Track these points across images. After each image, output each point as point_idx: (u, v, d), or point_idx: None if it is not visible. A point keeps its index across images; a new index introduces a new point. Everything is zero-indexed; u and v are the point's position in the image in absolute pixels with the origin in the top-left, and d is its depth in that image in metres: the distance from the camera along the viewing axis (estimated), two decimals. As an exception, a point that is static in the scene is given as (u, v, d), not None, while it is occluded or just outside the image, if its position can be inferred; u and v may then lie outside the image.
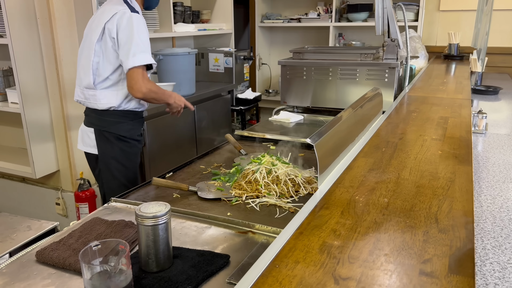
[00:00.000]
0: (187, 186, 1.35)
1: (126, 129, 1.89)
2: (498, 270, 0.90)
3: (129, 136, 1.91)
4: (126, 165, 1.93)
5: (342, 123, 1.37)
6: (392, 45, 2.26)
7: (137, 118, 1.95)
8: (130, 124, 1.91)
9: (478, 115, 1.90)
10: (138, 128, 1.96)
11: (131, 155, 1.95)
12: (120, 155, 1.91)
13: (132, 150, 1.94)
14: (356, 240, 0.81)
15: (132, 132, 1.92)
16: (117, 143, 1.90)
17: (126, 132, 1.90)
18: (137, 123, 1.95)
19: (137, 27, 1.75)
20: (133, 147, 1.95)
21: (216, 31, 3.76)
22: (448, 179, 1.10)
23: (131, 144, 1.93)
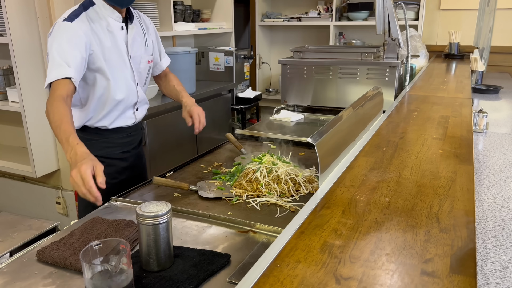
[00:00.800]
0: (187, 185, 1.35)
1: (98, 147, 1.60)
2: (499, 270, 0.89)
3: (102, 155, 1.56)
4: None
5: (343, 123, 1.36)
6: (393, 44, 2.26)
7: (118, 135, 1.67)
8: (104, 143, 1.64)
9: (478, 114, 1.90)
10: (119, 146, 1.68)
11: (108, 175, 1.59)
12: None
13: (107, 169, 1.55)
14: (357, 240, 0.81)
15: (107, 151, 1.64)
16: None
17: (98, 151, 1.49)
18: (117, 140, 1.67)
19: (58, 36, 1.42)
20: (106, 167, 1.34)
21: (216, 30, 3.75)
22: (449, 178, 1.10)
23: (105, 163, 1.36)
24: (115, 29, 1.55)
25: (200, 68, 3.66)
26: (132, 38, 1.61)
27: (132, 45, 1.61)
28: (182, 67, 3.00)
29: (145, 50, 1.69)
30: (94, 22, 1.50)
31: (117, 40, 1.55)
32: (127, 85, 1.61)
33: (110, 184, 1.56)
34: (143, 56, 1.68)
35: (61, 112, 1.30)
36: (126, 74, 1.61)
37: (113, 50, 1.54)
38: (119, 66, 1.57)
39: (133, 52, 1.62)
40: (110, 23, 1.53)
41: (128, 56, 1.60)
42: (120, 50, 1.57)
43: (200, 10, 3.79)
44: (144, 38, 1.69)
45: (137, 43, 1.64)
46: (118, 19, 1.55)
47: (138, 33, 1.66)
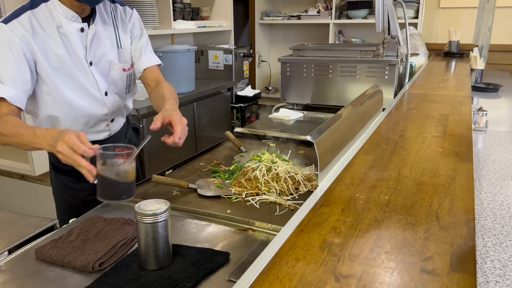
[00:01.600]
0: (186, 184, 1.35)
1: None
2: (499, 268, 0.89)
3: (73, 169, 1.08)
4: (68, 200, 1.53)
5: (342, 121, 1.36)
6: (392, 42, 2.25)
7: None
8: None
9: (478, 113, 1.90)
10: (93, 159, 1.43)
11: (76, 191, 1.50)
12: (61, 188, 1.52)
13: (78, 185, 1.48)
14: (356, 238, 0.81)
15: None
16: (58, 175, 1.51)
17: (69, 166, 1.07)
18: None
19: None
20: (80, 182, 1.44)
21: (215, 28, 3.75)
22: (449, 176, 1.10)
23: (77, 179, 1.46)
24: (69, 31, 1.30)
25: (199, 67, 3.66)
26: (96, 41, 1.37)
27: (94, 50, 1.37)
28: (181, 65, 2.99)
29: (118, 53, 1.45)
30: (41, 23, 1.27)
31: (73, 45, 1.32)
32: (89, 95, 1.39)
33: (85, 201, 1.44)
34: (114, 62, 1.44)
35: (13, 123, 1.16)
36: (86, 83, 1.38)
37: (67, 58, 1.32)
38: (75, 74, 1.35)
39: (95, 58, 1.38)
40: (63, 25, 1.29)
41: (88, 63, 1.37)
42: (78, 57, 1.34)
43: (200, 8, 3.78)
44: (116, 38, 1.44)
45: (103, 46, 1.40)
46: (75, 19, 1.30)
47: (108, 35, 1.42)
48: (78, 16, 1.31)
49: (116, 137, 1.58)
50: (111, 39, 1.43)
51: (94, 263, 0.93)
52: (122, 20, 1.48)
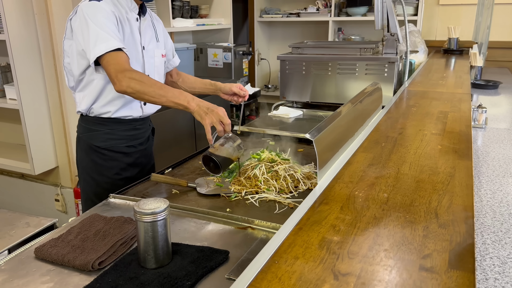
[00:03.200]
0: (186, 182, 1.35)
1: (101, 139, 1.59)
2: (498, 265, 0.89)
3: (106, 147, 1.60)
4: (96, 178, 1.64)
5: (342, 118, 1.36)
6: (392, 39, 2.25)
7: (122, 127, 1.61)
8: (108, 133, 1.60)
9: (478, 110, 1.89)
10: (124, 139, 1.63)
11: (104, 168, 1.62)
12: (90, 167, 1.64)
13: (107, 163, 1.62)
14: (355, 236, 0.81)
15: (110, 143, 1.60)
16: (90, 153, 1.63)
17: (102, 142, 1.59)
18: (121, 133, 1.62)
19: (91, 14, 1.42)
20: (109, 160, 1.61)
21: (214, 26, 3.74)
22: (448, 173, 1.10)
23: (107, 156, 1.61)
24: (132, 18, 1.56)
25: (198, 65, 3.65)
26: (144, 30, 1.62)
27: (145, 37, 1.62)
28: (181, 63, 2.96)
29: (156, 45, 1.69)
30: (116, 6, 1.51)
31: (133, 29, 1.56)
32: None
33: (112, 180, 1.61)
34: (155, 50, 1.68)
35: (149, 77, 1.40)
36: (137, 65, 1.58)
37: (129, 38, 1.54)
38: (132, 55, 1.55)
39: (146, 44, 1.63)
40: (128, 12, 1.54)
41: (142, 47, 1.60)
42: (135, 40, 1.57)
43: (199, 6, 3.77)
44: (154, 33, 1.70)
45: (149, 36, 1.65)
46: (134, 9, 1.57)
47: (150, 27, 1.67)
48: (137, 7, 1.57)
49: (145, 120, 1.74)
50: (151, 32, 1.68)
51: (94, 262, 0.94)
52: (157, 20, 1.76)
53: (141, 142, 1.71)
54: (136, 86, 1.34)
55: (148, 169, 1.76)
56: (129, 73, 1.35)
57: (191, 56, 3.11)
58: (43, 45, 2.53)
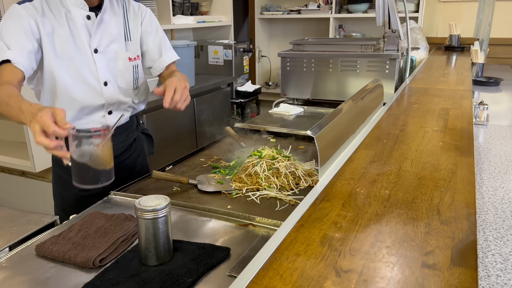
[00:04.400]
0: (187, 179, 1.35)
1: None
2: (500, 262, 0.89)
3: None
4: (62, 194, 1.54)
5: (343, 115, 1.36)
6: (393, 36, 2.24)
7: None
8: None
9: (479, 107, 1.89)
10: None
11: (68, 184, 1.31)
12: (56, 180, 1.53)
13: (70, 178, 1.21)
14: (357, 232, 0.80)
15: None
16: (55, 166, 1.53)
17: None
18: None
19: (3, 20, 1.31)
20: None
21: (215, 23, 3.73)
22: (450, 170, 1.09)
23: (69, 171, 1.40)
24: (76, 17, 1.36)
25: (199, 62, 3.65)
26: (100, 29, 1.40)
27: (100, 37, 1.41)
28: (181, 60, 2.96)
29: (125, 45, 1.48)
30: (51, 6, 1.35)
31: (78, 30, 1.37)
32: (85, 82, 1.40)
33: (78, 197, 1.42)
34: (119, 52, 1.46)
35: (7, 93, 1.16)
36: (85, 69, 1.39)
37: (70, 41, 1.36)
38: (76, 59, 1.37)
39: (101, 46, 1.41)
40: (71, 11, 1.36)
41: (92, 49, 1.40)
42: (81, 42, 1.37)
43: (199, 3, 3.76)
44: (125, 30, 1.48)
45: (109, 35, 1.43)
46: (82, 6, 1.37)
47: (116, 25, 1.45)
48: (86, 4, 1.38)
49: (121, 128, 1.55)
50: (118, 30, 1.46)
51: (95, 259, 0.93)
52: (135, 14, 1.52)
53: (123, 151, 1.58)
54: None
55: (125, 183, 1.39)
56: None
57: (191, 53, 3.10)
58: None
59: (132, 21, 1.51)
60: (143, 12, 1.55)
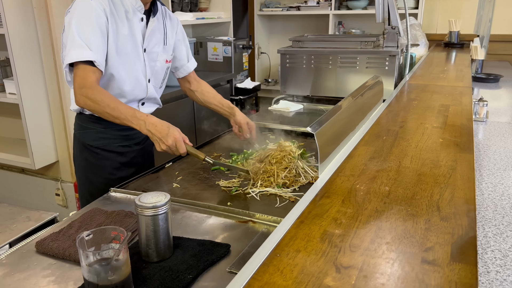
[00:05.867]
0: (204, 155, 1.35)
1: (94, 137, 1.55)
2: (499, 258, 0.89)
3: (98, 146, 1.56)
4: (89, 177, 1.61)
5: (343, 112, 1.36)
6: (393, 32, 2.24)
7: (116, 126, 1.46)
8: (101, 132, 1.55)
9: (479, 103, 1.89)
10: (118, 139, 1.58)
11: (97, 168, 1.58)
12: (84, 165, 1.61)
13: (99, 162, 1.57)
14: (357, 229, 0.81)
15: (103, 142, 1.55)
16: (83, 151, 1.59)
17: (94, 141, 1.55)
18: (115, 132, 1.56)
19: (77, 14, 1.37)
20: (102, 159, 1.57)
21: (214, 19, 3.72)
22: (450, 167, 1.09)
23: (100, 155, 1.56)
24: (134, 18, 1.48)
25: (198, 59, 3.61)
26: (151, 31, 1.54)
27: (150, 39, 1.54)
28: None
29: (163, 48, 1.61)
30: (115, 5, 1.43)
31: (134, 29, 1.48)
32: (136, 78, 1.53)
33: (106, 180, 1.54)
34: (160, 54, 1.60)
35: (108, 96, 1.34)
36: (138, 66, 1.52)
37: (128, 39, 1.47)
38: (131, 56, 1.49)
39: (149, 47, 1.55)
40: (130, 11, 1.47)
41: (143, 49, 1.53)
42: (136, 41, 1.50)
43: (198, 0, 3.75)
44: (164, 35, 1.61)
45: (156, 38, 1.57)
46: (139, 9, 1.49)
47: (159, 29, 1.58)
48: (143, 7, 1.50)
49: None
50: (160, 34, 1.60)
51: (95, 256, 0.93)
52: (171, 22, 1.67)
53: (138, 142, 1.65)
54: (91, 106, 1.34)
55: (146, 168, 1.60)
56: (89, 92, 1.32)
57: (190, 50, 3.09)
58: (42, 39, 2.52)
59: (169, 29, 1.65)
60: (177, 23, 1.71)
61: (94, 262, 0.78)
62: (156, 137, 1.30)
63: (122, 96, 1.51)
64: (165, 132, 1.30)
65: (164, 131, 1.30)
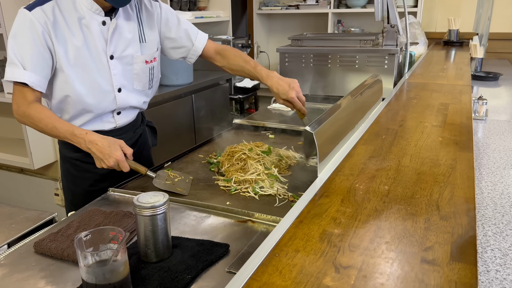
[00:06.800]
0: (145, 170, 1.29)
1: (73, 149, 1.37)
2: (499, 257, 0.89)
3: (77, 157, 1.46)
4: (71, 189, 1.55)
5: (342, 111, 1.35)
6: (392, 31, 2.23)
7: None
8: None
9: (478, 101, 1.89)
10: None
11: (78, 179, 1.50)
12: (65, 176, 1.55)
13: (80, 174, 1.49)
14: (356, 228, 0.80)
15: (82, 153, 1.35)
16: (65, 162, 1.53)
17: (73, 153, 1.46)
18: None
19: (14, 30, 1.26)
20: (82, 171, 1.48)
21: (213, 18, 3.71)
22: (449, 165, 1.09)
23: (79, 167, 1.48)
24: (91, 24, 1.31)
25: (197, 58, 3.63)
26: (118, 35, 1.37)
27: (115, 43, 1.37)
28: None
29: (140, 47, 1.44)
30: (63, 13, 1.28)
31: (94, 37, 1.32)
32: (99, 90, 1.38)
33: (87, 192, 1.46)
34: (136, 56, 1.42)
35: (46, 114, 1.27)
36: (100, 77, 1.36)
37: (84, 50, 1.32)
38: (89, 68, 1.34)
39: (117, 52, 1.38)
40: (85, 17, 1.30)
41: (108, 57, 1.36)
42: (96, 49, 1.34)
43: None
44: (139, 32, 1.44)
45: (126, 40, 1.39)
46: (98, 12, 1.31)
47: (130, 29, 1.40)
48: (102, 9, 1.32)
49: (123, 130, 1.53)
50: (133, 33, 1.42)
51: (93, 256, 0.93)
52: (148, 13, 1.47)
53: None
54: (31, 125, 1.31)
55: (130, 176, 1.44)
56: (26, 111, 1.28)
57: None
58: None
59: (146, 22, 1.47)
60: (157, 10, 1.50)
61: (92, 263, 0.78)
62: (96, 156, 1.24)
63: (88, 111, 1.39)
64: (106, 152, 1.23)
65: (105, 150, 1.23)
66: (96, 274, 0.77)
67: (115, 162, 1.23)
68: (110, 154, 1.22)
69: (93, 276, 0.77)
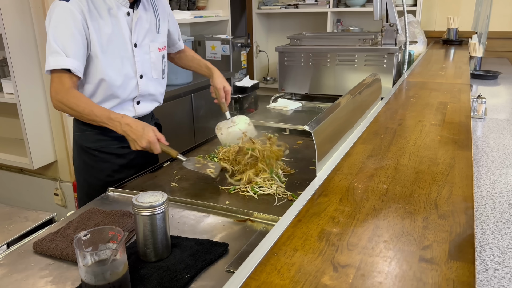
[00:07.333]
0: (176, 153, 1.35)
1: (92, 139, 1.52)
2: (497, 255, 0.89)
3: (96, 148, 1.53)
4: (88, 180, 1.58)
5: (341, 110, 1.35)
6: (391, 30, 2.23)
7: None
8: (98, 134, 1.51)
9: (477, 100, 1.89)
10: (116, 140, 1.52)
11: (95, 170, 1.55)
12: (82, 168, 1.59)
13: (98, 165, 1.55)
14: (355, 227, 0.80)
15: (100, 144, 1.52)
16: (81, 153, 1.57)
17: (91, 143, 1.53)
18: (113, 133, 1.41)
19: (54, 18, 1.33)
20: (100, 161, 1.54)
21: (212, 18, 3.71)
22: (448, 164, 1.09)
23: (98, 158, 1.54)
24: (119, 14, 1.43)
25: (196, 57, 3.62)
26: (139, 25, 1.49)
27: (138, 32, 1.49)
28: (179, 56, 2.96)
29: (155, 37, 1.57)
30: (95, 4, 1.38)
31: (121, 26, 1.44)
32: (126, 76, 1.48)
33: (104, 182, 1.48)
34: (151, 44, 1.55)
35: (83, 100, 1.35)
36: (126, 65, 1.47)
37: (114, 38, 1.42)
38: (118, 55, 1.45)
39: (139, 40, 1.50)
40: (113, 7, 1.41)
41: (132, 45, 1.48)
42: (123, 38, 1.45)
43: (196, -2, 3.74)
44: (156, 24, 1.57)
45: (145, 30, 1.52)
46: (124, 3, 1.43)
47: (148, 19, 1.53)
48: (128, 1, 1.45)
49: (144, 119, 1.59)
50: (150, 24, 1.55)
51: (93, 256, 0.93)
52: (163, 6, 1.64)
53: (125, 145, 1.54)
54: (67, 111, 1.38)
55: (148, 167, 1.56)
56: (64, 98, 1.34)
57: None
58: (40, 38, 2.51)
59: (161, 14, 1.61)
60: (167, 5, 1.67)
61: (92, 263, 0.78)
62: (131, 138, 1.32)
63: (115, 97, 1.48)
64: (140, 133, 1.31)
65: (139, 132, 1.31)
66: (95, 273, 0.78)
67: (147, 143, 1.30)
68: (143, 136, 1.30)
69: (92, 275, 0.78)
